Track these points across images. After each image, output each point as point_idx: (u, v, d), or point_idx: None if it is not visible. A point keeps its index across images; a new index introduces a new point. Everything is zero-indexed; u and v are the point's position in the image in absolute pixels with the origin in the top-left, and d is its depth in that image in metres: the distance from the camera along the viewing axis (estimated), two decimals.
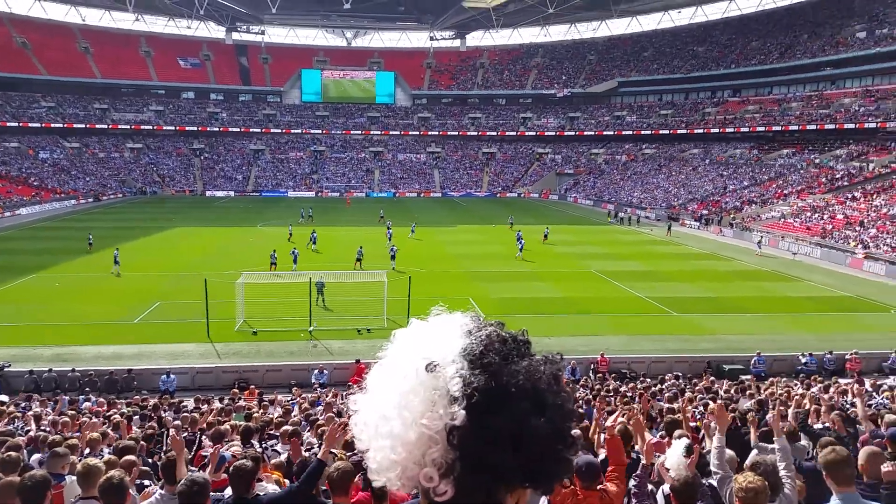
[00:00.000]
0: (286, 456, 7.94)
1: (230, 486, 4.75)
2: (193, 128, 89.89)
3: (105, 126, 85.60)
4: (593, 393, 15.30)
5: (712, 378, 18.42)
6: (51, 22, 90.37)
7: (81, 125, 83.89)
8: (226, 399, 15.47)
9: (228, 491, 4.88)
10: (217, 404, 14.59)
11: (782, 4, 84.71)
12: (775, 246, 45.59)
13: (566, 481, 4.55)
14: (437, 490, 1.13)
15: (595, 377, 19.25)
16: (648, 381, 17.78)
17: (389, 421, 1.15)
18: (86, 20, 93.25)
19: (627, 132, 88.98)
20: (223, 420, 11.88)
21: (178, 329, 23.71)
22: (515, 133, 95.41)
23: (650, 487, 5.33)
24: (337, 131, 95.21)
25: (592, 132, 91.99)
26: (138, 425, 12.03)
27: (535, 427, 1.12)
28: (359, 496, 4.76)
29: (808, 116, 69.23)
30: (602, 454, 6.25)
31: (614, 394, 15.33)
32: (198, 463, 7.84)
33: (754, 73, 79.33)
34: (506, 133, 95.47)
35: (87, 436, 8.72)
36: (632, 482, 5.59)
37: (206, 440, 9.59)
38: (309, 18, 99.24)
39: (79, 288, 30.09)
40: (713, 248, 45.76)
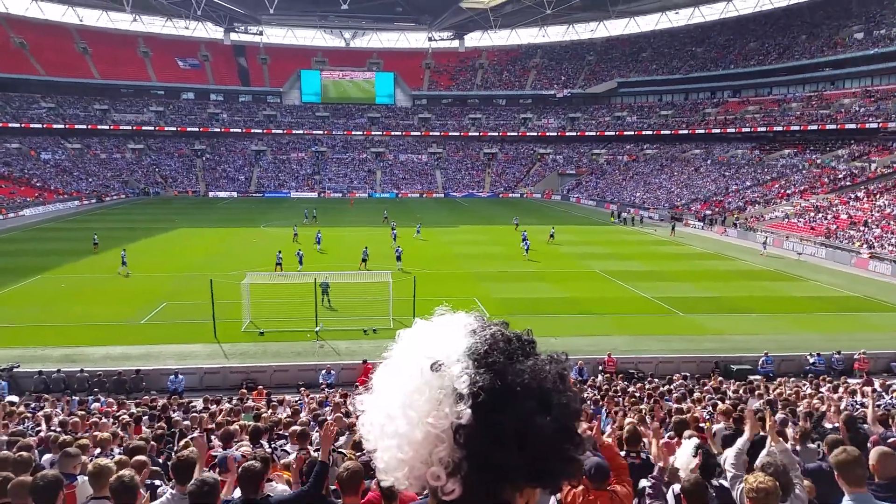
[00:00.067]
0: (295, 456, 7.93)
1: (239, 487, 4.73)
2: (194, 129, 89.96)
3: (106, 127, 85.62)
4: (601, 393, 15.30)
5: (720, 378, 18.41)
6: (48, 22, 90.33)
7: (82, 126, 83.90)
8: (234, 399, 15.46)
9: (238, 492, 4.86)
10: (226, 404, 14.58)
11: (779, 5, 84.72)
12: (779, 246, 45.57)
13: (574, 481, 4.55)
14: (445, 489, 1.13)
15: (603, 377, 19.21)
16: (657, 382, 17.75)
17: (395, 420, 1.15)
18: (83, 20, 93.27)
19: (629, 132, 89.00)
20: (232, 420, 11.85)
21: (185, 330, 23.72)
22: (517, 133, 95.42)
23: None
24: (338, 132, 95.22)
25: (593, 133, 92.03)
26: (147, 425, 12.01)
27: (541, 426, 1.12)
28: (369, 496, 4.76)
29: (809, 117, 69.28)
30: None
31: (622, 394, 15.32)
32: (208, 463, 7.82)
33: (754, 74, 79.44)
34: (507, 133, 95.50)
35: (99, 436, 8.71)
36: (645, 482, 5.57)
37: (216, 440, 9.57)
38: (306, 19, 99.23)
39: (84, 289, 30.11)
40: (717, 249, 45.74)
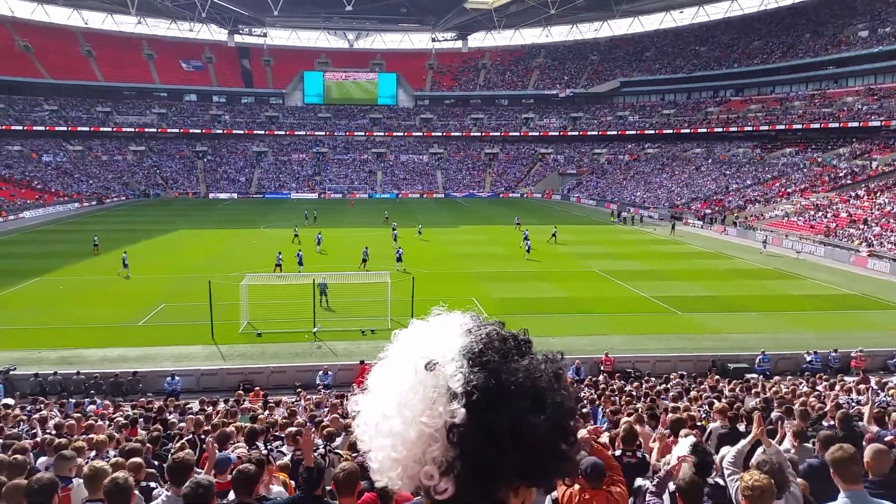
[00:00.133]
0: (290, 457, 7.95)
1: (232, 490, 4.73)
2: (196, 130, 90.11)
3: (108, 129, 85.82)
4: (598, 392, 15.31)
5: (717, 377, 18.39)
6: (53, 25, 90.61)
7: (85, 128, 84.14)
8: (230, 401, 15.48)
9: (232, 495, 4.86)
10: (222, 406, 14.60)
11: (784, 4, 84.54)
12: (779, 244, 45.48)
13: (569, 480, 4.57)
14: (438, 488, 1.13)
15: (603, 377, 19.21)
16: (653, 381, 17.74)
17: (389, 419, 1.15)
18: (88, 23, 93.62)
19: (630, 132, 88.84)
20: (228, 422, 11.88)
21: (183, 331, 23.76)
22: (519, 133, 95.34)
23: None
24: (339, 133, 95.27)
25: (595, 132, 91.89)
26: (143, 427, 12.04)
27: (535, 424, 1.12)
28: (365, 497, 4.76)
29: (811, 115, 69.10)
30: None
31: (619, 393, 15.33)
32: (203, 465, 7.85)
33: (756, 73, 79.26)
34: (509, 134, 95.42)
35: (95, 438, 8.74)
36: (645, 481, 5.59)
37: (212, 442, 9.59)
38: (310, 20, 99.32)
39: (83, 291, 30.16)
40: (717, 247, 45.64)
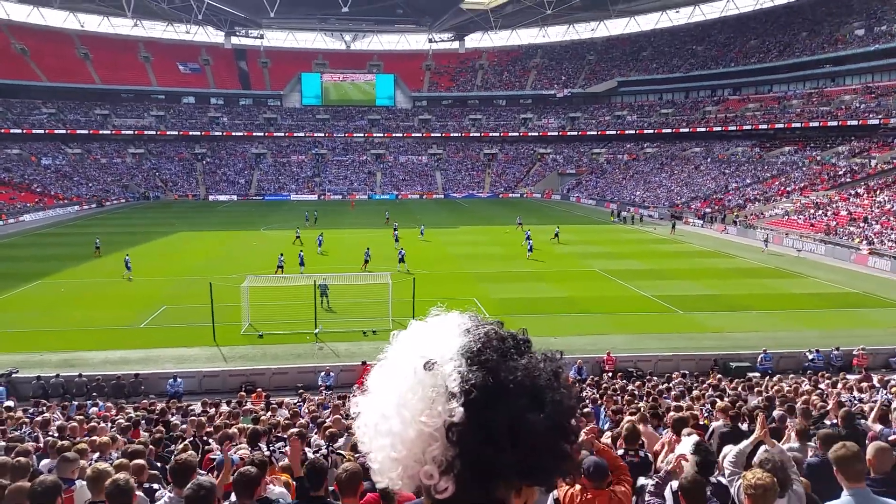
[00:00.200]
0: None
1: (234, 492, 4.72)
2: (195, 132, 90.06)
3: (107, 132, 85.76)
4: (600, 392, 15.30)
5: (719, 376, 18.39)
6: (49, 28, 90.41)
7: (83, 131, 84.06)
8: (233, 402, 15.47)
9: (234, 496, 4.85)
10: (225, 408, 14.59)
11: (780, 3, 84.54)
12: (779, 243, 45.51)
13: (570, 479, 4.55)
14: (438, 487, 1.13)
15: (608, 377, 19.19)
16: (655, 380, 17.74)
17: (388, 419, 1.15)
18: (84, 26, 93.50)
19: (629, 132, 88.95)
20: (230, 423, 11.87)
21: (185, 333, 23.75)
22: (517, 134, 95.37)
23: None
24: (338, 134, 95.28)
25: (594, 132, 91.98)
26: (145, 429, 12.02)
27: (533, 423, 1.12)
28: (367, 497, 4.75)
29: (809, 114, 69.18)
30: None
31: (621, 392, 15.31)
32: (206, 466, 7.84)
33: (754, 72, 79.34)
34: (508, 134, 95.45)
35: (98, 440, 8.72)
36: (647, 481, 5.58)
37: (214, 443, 9.59)
38: (307, 22, 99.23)
39: (84, 293, 30.14)
40: (717, 246, 45.65)
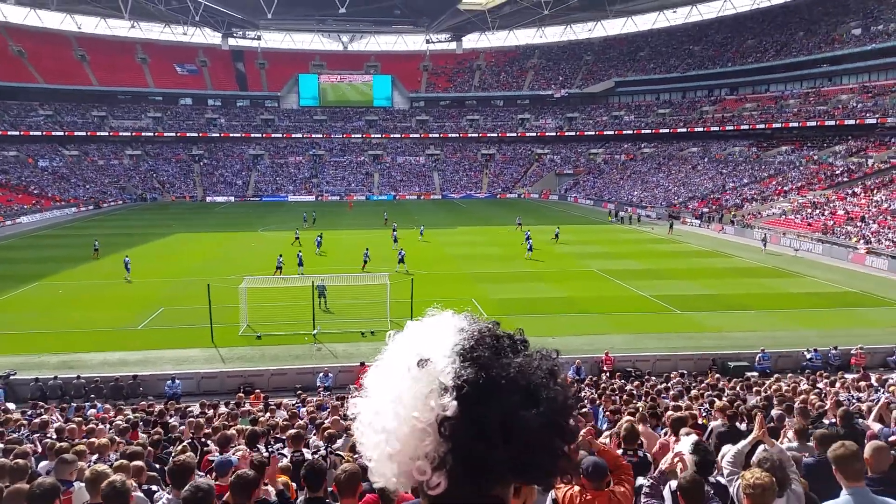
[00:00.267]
0: (290, 458, 7.93)
1: (231, 495, 4.71)
2: (192, 134, 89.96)
3: (104, 133, 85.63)
4: (598, 392, 15.30)
5: (718, 375, 18.41)
6: (46, 30, 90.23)
7: (81, 133, 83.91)
8: (231, 403, 15.45)
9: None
10: (223, 409, 14.57)
11: (777, 2, 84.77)
12: (777, 243, 45.56)
13: (569, 479, 4.54)
14: (430, 483, 1.13)
15: (606, 377, 19.21)
16: (654, 380, 17.75)
17: (383, 417, 1.16)
18: (81, 28, 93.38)
19: (626, 132, 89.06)
20: (229, 425, 11.85)
21: (183, 334, 23.71)
22: (515, 134, 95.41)
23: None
24: (336, 135, 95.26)
25: (591, 132, 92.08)
26: (143, 430, 12.00)
27: (526, 419, 1.12)
28: (366, 498, 4.74)
29: (806, 113, 69.32)
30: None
31: (619, 392, 15.32)
32: (204, 468, 7.83)
33: (751, 71, 79.48)
34: (505, 134, 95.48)
35: (96, 442, 8.71)
36: (643, 480, 5.57)
37: (213, 445, 9.57)
38: (304, 23, 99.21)
39: (82, 295, 30.09)
40: (715, 246, 45.70)
